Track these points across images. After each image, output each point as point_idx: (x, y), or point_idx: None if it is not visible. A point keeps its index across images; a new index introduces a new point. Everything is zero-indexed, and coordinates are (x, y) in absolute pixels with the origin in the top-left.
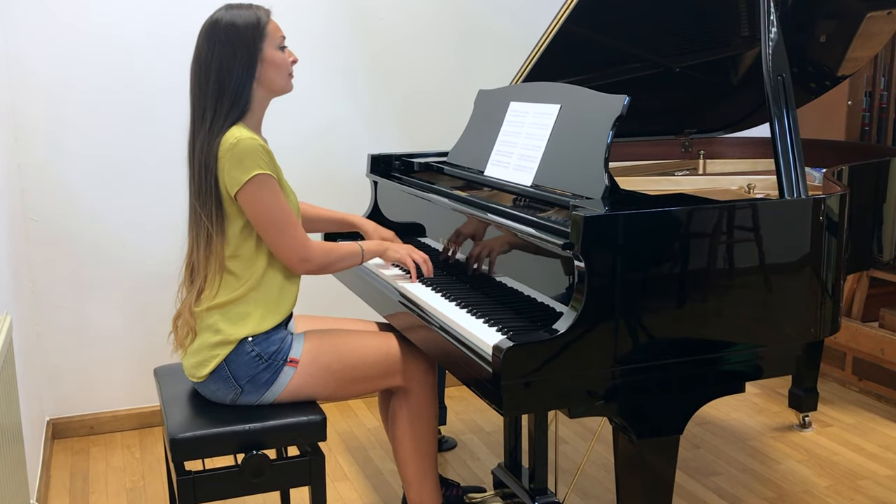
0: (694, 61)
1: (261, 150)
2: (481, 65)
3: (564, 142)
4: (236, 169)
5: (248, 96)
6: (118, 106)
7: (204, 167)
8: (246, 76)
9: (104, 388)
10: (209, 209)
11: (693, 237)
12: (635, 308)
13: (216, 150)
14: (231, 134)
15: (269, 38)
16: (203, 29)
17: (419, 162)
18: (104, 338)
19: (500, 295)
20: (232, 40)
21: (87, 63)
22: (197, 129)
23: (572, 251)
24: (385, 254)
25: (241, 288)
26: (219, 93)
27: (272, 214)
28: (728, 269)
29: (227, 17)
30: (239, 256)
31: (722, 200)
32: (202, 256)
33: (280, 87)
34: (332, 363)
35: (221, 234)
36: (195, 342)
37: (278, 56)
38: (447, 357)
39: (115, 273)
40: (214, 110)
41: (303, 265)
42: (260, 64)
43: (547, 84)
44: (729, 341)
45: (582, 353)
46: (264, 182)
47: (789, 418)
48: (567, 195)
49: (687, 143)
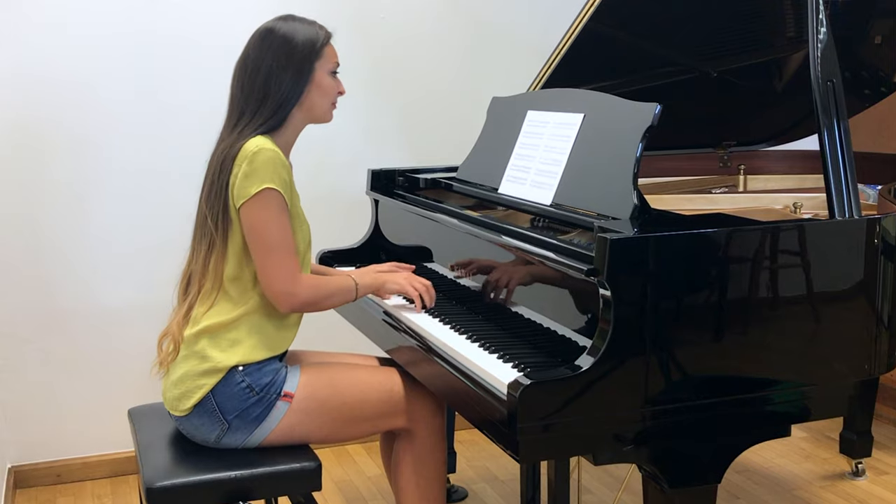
0: (733, 65)
1: (280, 166)
2: (495, 69)
3: (588, 155)
4: (248, 178)
5: (288, 113)
6: (92, 114)
7: (220, 168)
8: (293, 91)
9: (73, 431)
10: (216, 213)
11: (732, 262)
12: (668, 342)
13: (236, 152)
14: (255, 142)
15: (324, 59)
16: (256, 34)
17: (425, 178)
18: (73, 374)
19: (515, 327)
20: (286, 51)
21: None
22: (226, 133)
23: (597, 278)
24: (383, 287)
25: (235, 312)
26: (262, 100)
27: (267, 233)
28: (772, 299)
29: (285, 27)
30: (239, 278)
31: (765, 221)
32: (200, 265)
33: (320, 114)
34: (330, 400)
35: (224, 244)
36: (179, 370)
37: (328, 81)
38: (456, 396)
39: (86, 302)
40: (251, 118)
41: (287, 299)
42: (309, 84)
43: (568, 91)
44: (773, 379)
45: (608, 392)
46: (271, 198)
47: (840, 465)
48: (591, 215)
49: (725, 157)
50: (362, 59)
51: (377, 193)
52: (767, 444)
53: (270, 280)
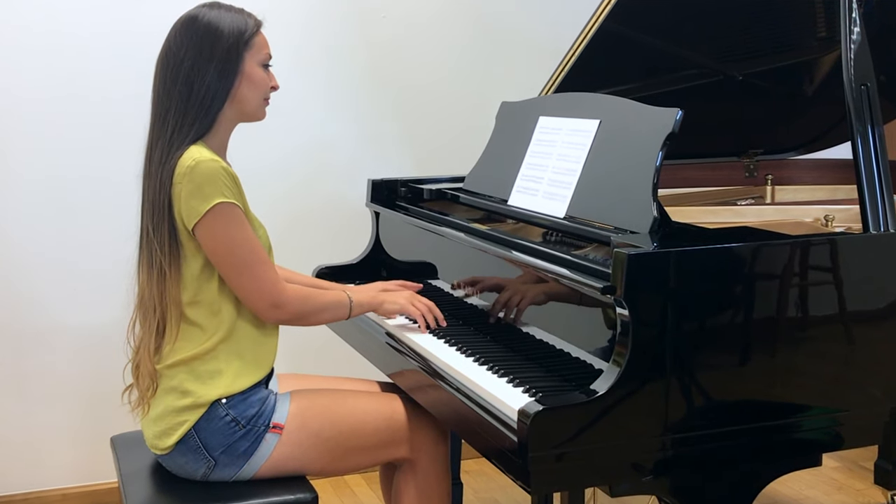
0: (760, 67)
1: (223, 175)
2: (504, 71)
3: (605, 165)
4: (195, 197)
5: (217, 111)
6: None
7: (158, 188)
8: (219, 84)
9: (50, 460)
10: (161, 236)
11: (759, 279)
12: (690, 364)
13: (171, 169)
14: (189, 154)
15: (253, 49)
16: (178, 23)
17: (430, 189)
18: (50, 399)
19: (526, 349)
20: (210, 41)
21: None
22: (155, 138)
23: (614, 296)
24: (381, 307)
25: (208, 341)
26: (186, 95)
27: (236, 251)
28: (801, 318)
29: (209, 15)
30: (199, 303)
31: (794, 235)
32: (154, 293)
33: (251, 110)
34: (325, 430)
35: (176, 272)
36: (158, 407)
37: (258, 74)
38: (463, 423)
39: (62, 321)
40: (178, 117)
41: (273, 312)
42: (237, 77)
43: (583, 95)
44: (802, 405)
45: (626, 418)
46: (227, 212)
47: (875, 497)
48: (608, 229)
49: (752, 167)
50: (361, 60)
51: (378, 205)
52: (797, 475)
53: (252, 298)
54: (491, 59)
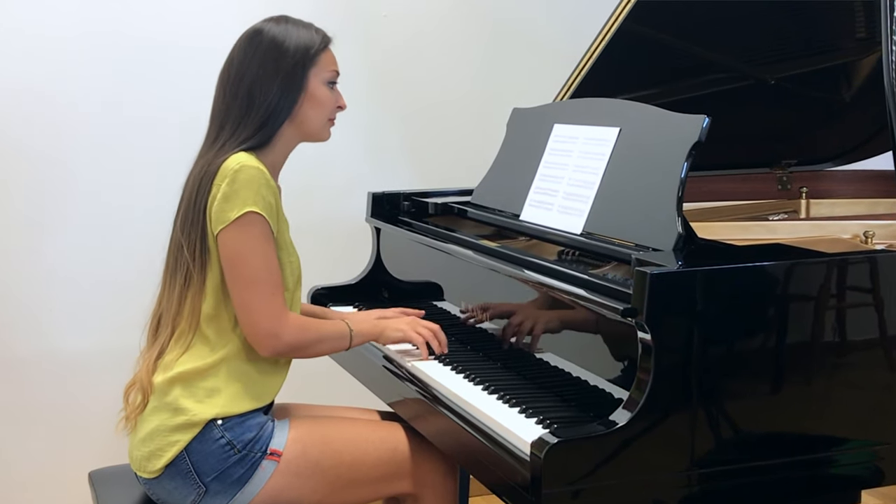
0: (794, 71)
1: (264, 186)
2: (515, 75)
3: (625, 176)
4: (227, 201)
5: (277, 128)
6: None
7: (197, 189)
8: (282, 102)
9: (25, 496)
10: (192, 242)
11: (793, 301)
12: (718, 393)
13: (215, 170)
14: (237, 158)
15: (319, 67)
16: (243, 36)
17: (435, 203)
18: (25, 431)
19: (540, 376)
20: (275, 56)
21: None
22: (206, 148)
23: (635, 319)
24: (383, 335)
25: (213, 356)
26: (246, 110)
27: (248, 263)
28: (839, 343)
29: (275, 30)
30: (217, 319)
31: (831, 253)
32: (174, 302)
33: (315, 131)
34: (324, 460)
35: (202, 278)
36: (148, 425)
37: (324, 93)
38: (471, 456)
39: (39, 347)
40: (234, 129)
41: (269, 342)
42: (301, 94)
43: (601, 101)
44: (840, 437)
45: (648, 452)
46: (254, 223)
47: None
48: (628, 246)
49: (785, 178)
50: (360, 63)
51: (379, 220)
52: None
53: (251, 318)
54: (501, 61)
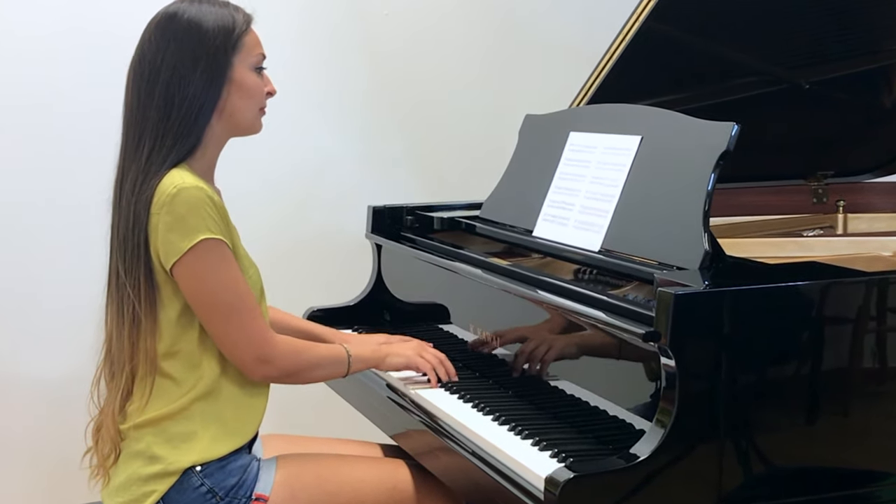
0: (830, 74)
1: (209, 206)
2: (527, 79)
3: (647, 189)
4: (175, 231)
5: (203, 126)
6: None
7: (133, 217)
8: (206, 95)
9: None
10: (136, 279)
11: (829, 324)
12: (747, 424)
13: (149, 197)
14: (171, 180)
15: (244, 51)
16: (153, 22)
17: (441, 217)
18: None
19: (555, 406)
20: (193, 44)
21: None
22: (128, 161)
23: (658, 343)
24: (384, 362)
25: (183, 398)
26: (165, 110)
27: (220, 295)
28: (879, 370)
29: (190, 11)
30: (176, 354)
31: (870, 272)
32: (125, 344)
33: (245, 124)
34: (318, 501)
35: (152, 319)
36: (121, 474)
37: (251, 79)
38: (480, 492)
39: (9, 373)
40: (155, 136)
41: (260, 368)
42: (226, 84)
43: (621, 107)
44: (879, 471)
45: (672, 487)
46: (212, 250)
47: None
48: (650, 264)
49: (820, 191)
50: (360, 65)
51: (380, 237)
52: None
53: (237, 350)
54: (513, 64)
